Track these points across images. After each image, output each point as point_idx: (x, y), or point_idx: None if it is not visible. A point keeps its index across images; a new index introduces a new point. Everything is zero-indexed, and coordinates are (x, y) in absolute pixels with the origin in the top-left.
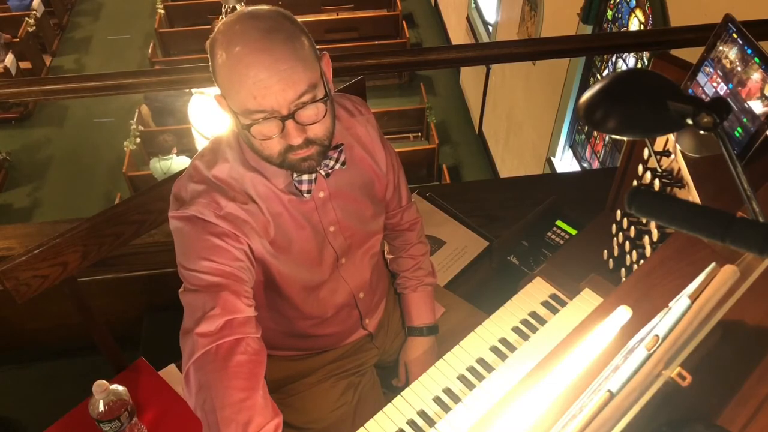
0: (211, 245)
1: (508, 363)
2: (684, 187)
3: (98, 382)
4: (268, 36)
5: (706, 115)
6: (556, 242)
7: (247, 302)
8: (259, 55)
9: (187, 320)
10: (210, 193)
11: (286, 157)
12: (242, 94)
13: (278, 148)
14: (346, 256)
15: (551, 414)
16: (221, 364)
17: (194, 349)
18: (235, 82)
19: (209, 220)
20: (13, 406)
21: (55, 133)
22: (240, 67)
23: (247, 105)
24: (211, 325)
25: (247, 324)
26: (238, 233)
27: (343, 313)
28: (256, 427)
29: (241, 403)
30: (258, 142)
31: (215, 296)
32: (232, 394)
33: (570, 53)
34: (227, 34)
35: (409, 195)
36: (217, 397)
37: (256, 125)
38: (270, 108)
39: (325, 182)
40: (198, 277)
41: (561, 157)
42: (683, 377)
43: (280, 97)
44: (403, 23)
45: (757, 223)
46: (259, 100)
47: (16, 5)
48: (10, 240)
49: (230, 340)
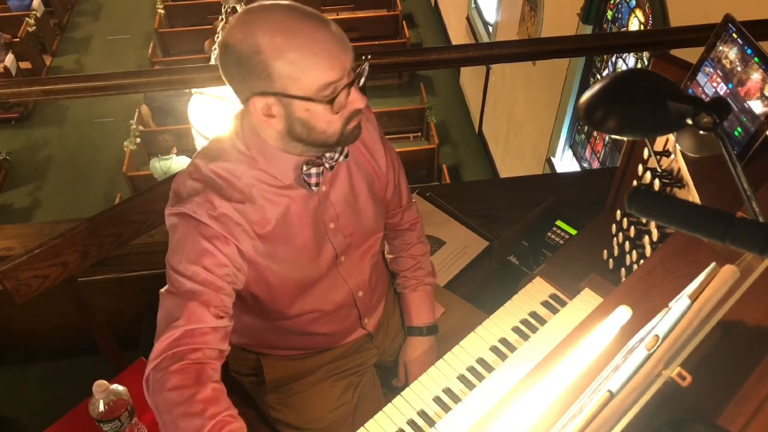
0: (200, 249)
1: (508, 363)
2: (684, 187)
3: (98, 382)
4: (310, 14)
5: (706, 115)
6: (556, 242)
7: (216, 312)
8: (320, 31)
9: (159, 324)
10: (206, 192)
11: (344, 130)
12: (318, 70)
13: (341, 121)
14: (346, 255)
15: (551, 414)
16: (173, 369)
17: (154, 355)
18: (309, 61)
19: (202, 220)
20: (13, 406)
21: (55, 133)
22: (311, 45)
23: (325, 79)
24: (172, 334)
25: (209, 334)
26: (227, 236)
27: (341, 312)
28: (211, 415)
29: (191, 398)
30: (325, 121)
31: (184, 305)
32: (181, 392)
33: (570, 53)
34: (270, 26)
35: (410, 195)
36: (168, 398)
37: (339, 96)
38: (341, 76)
39: (327, 176)
40: (178, 280)
41: (561, 157)
42: (683, 377)
43: (346, 64)
44: (403, 23)
45: (757, 223)
46: (336, 70)
47: (16, 5)
48: (10, 240)
49: (185, 349)
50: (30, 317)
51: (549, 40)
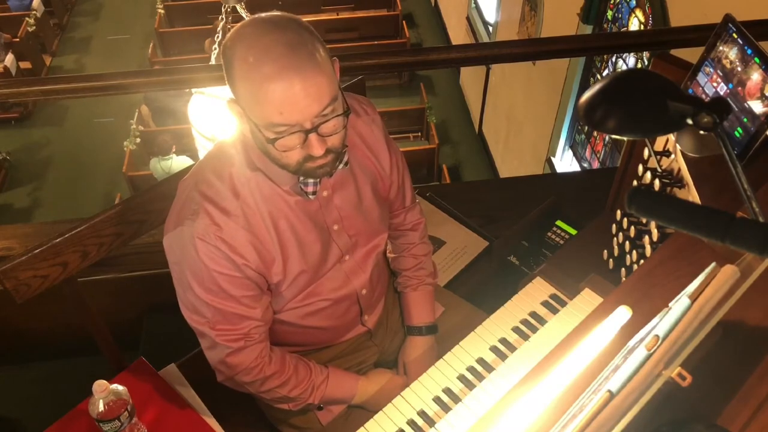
0: (212, 276)
1: (508, 363)
2: (684, 187)
3: (98, 382)
4: (294, 52)
5: (706, 115)
6: (556, 242)
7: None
8: (287, 73)
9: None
10: (209, 210)
11: (303, 166)
12: (268, 110)
13: (297, 158)
14: (351, 254)
15: (551, 414)
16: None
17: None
18: (260, 97)
19: (209, 242)
20: (13, 406)
21: (55, 133)
22: (268, 84)
23: (272, 119)
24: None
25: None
26: (234, 255)
27: (342, 306)
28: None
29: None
30: (278, 153)
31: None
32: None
33: (570, 53)
34: (249, 46)
35: (414, 196)
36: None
37: (281, 139)
38: (295, 122)
39: (329, 181)
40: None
41: (561, 157)
42: (683, 377)
43: (306, 112)
44: (403, 23)
45: (757, 223)
46: (286, 116)
47: (16, 5)
48: (10, 240)
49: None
50: (30, 317)
51: (549, 40)
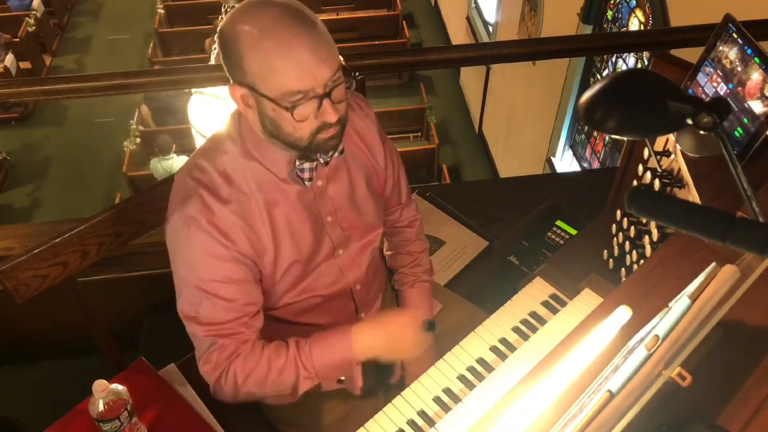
0: (211, 263)
1: (508, 363)
2: (684, 187)
3: (98, 381)
4: (302, 20)
5: (706, 115)
6: (556, 242)
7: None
8: (301, 38)
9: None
10: (203, 196)
11: (315, 138)
12: (285, 77)
13: (310, 129)
14: (344, 248)
15: (551, 414)
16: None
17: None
18: (276, 65)
19: (202, 227)
20: (13, 406)
21: (55, 133)
22: (283, 51)
23: (288, 87)
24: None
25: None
26: (227, 241)
27: (337, 302)
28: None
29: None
30: (291, 126)
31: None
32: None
33: (570, 53)
34: (253, 22)
35: (409, 193)
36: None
37: (299, 107)
38: (311, 88)
39: (324, 170)
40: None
41: (561, 157)
42: (683, 377)
43: (320, 77)
44: (403, 23)
45: (757, 223)
46: (304, 81)
47: (16, 5)
48: (10, 240)
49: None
50: (30, 317)
51: (549, 40)
